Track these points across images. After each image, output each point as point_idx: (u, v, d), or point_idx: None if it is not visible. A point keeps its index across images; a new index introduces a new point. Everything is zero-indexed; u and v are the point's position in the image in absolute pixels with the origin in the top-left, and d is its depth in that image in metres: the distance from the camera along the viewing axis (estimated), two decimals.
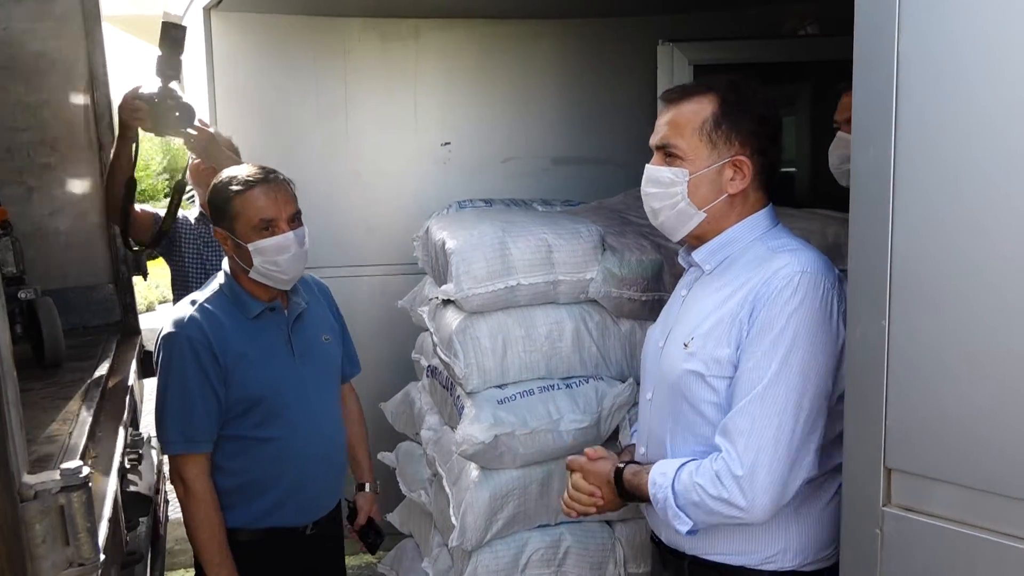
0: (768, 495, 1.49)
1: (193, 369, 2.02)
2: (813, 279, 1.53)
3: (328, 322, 2.31)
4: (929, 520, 1.22)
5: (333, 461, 2.26)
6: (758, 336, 1.52)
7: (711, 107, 1.62)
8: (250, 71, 3.77)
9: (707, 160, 1.62)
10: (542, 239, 2.35)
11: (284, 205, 2.06)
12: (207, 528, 2.06)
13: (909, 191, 1.19)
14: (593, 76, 4.04)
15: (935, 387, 1.20)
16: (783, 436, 1.49)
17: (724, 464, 1.50)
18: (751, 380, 1.51)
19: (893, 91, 1.19)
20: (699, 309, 1.65)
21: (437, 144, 4.00)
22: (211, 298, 2.12)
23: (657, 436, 1.71)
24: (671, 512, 1.56)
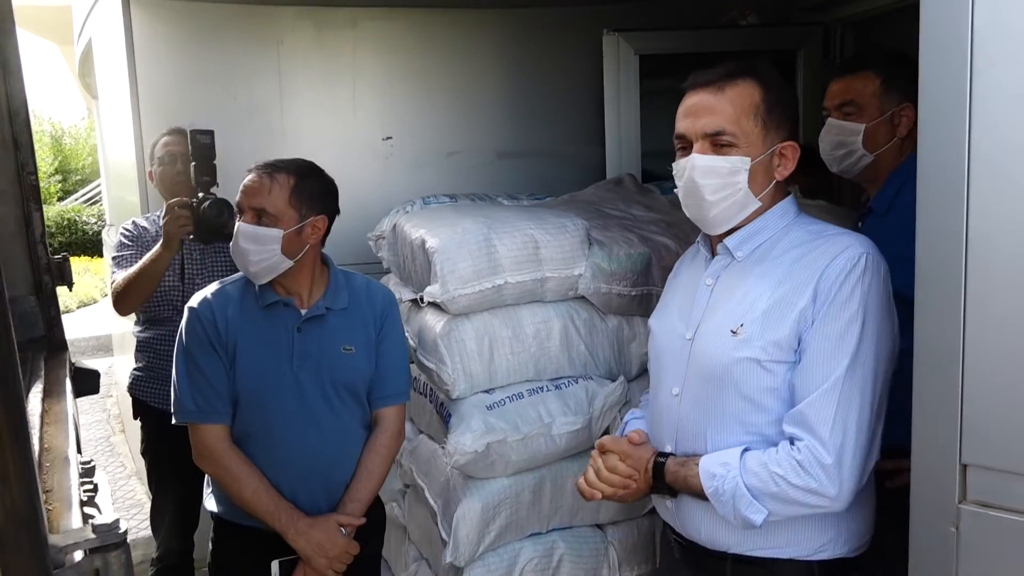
0: (853, 481, 1.47)
1: (201, 343, 2.03)
2: (875, 260, 1.52)
3: (360, 332, 2.11)
4: (1010, 516, 1.18)
5: (323, 474, 2.08)
6: (829, 319, 1.49)
7: (758, 91, 1.57)
8: (175, 64, 3.52)
9: (762, 146, 1.57)
10: (528, 235, 2.25)
11: (251, 196, 2.02)
12: (247, 486, 2.00)
13: (986, 176, 1.14)
14: (537, 67, 3.95)
15: (1013, 378, 1.16)
16: (863, 421, 1.48)
17: (809, 453, 1.46)
18: (828, 365, 1.48)
19: (968, 71, 1.13)
20: (741, 296, 1.59)
21: (378, 138, 3.84)
22: (239, 281, 2.14)
23: (690, 431, 1.64)
24: (743, 502, 1.50)
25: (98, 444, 5.76)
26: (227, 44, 3.57)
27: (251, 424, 2.04)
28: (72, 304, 10.14)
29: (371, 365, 2.12)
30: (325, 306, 2.09)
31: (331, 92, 3.74)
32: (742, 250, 1.64)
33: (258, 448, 2.04)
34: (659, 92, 4.02)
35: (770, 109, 1.57)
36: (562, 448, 2.25)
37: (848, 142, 2.20)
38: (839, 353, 1.48)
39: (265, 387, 2.03)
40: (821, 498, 1.47)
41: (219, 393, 2.03)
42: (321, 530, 2.02)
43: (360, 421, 2.14)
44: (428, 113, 3.88)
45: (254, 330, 2.05)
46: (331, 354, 2.07)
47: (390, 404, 2.16)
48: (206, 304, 2.07)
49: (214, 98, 3.59)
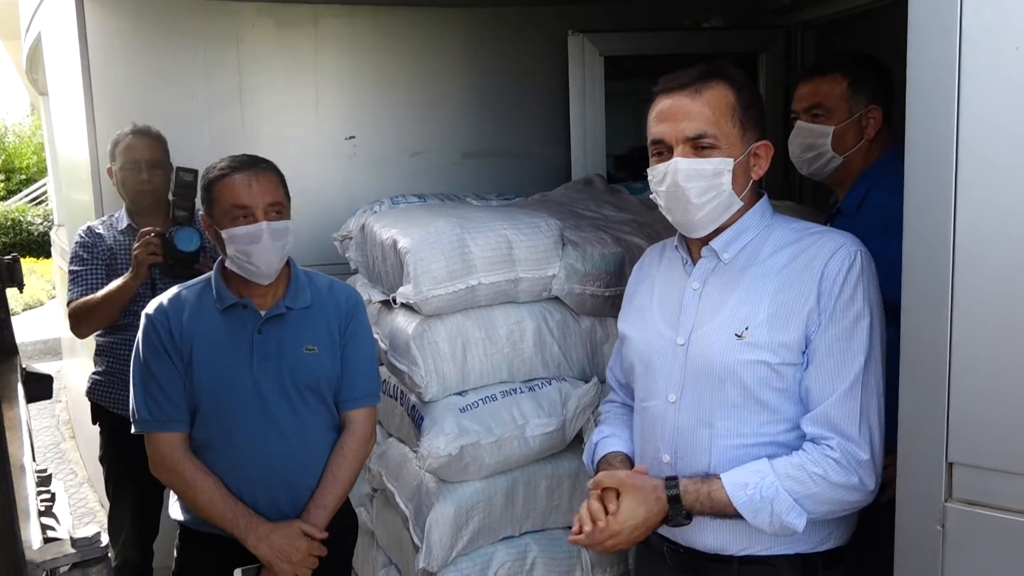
0: (880, 473, 1.50)
1: (157, 350, 1.99)
2: (867, 256, 1.54)
3: (323, 332, 2.06)
4: (996, 514, 1.19)
5: (286, 479, 2.02)
6: (837, 318, 1.50)
7: (731, 92, 1.57)
8: (130, 60, 3.42)
9: (741, 147, 1.58)
10: (502, 235, 2.22)
11: (263, 194, 1.97)
12: (203, 493, 1.96)
13: (974, 173, 1.15)
14: (503, 67, 3.92)
15: (1000, 377, 1.16)
16: (881, 413, 1.51)
17: (844, 452, 1.48)
18: (845, 364, 1.49)
19: (956, 67, 1.14)
20: (740, 300, 1.58)
21: (341, 138, 3.77)
22: (196, 285, 2.09)
23: (691, 437, 1.60)
24: (784, 507, 1.48)
25: (48, 451, 5.58)
26: (185, 40, 3.48)
27: (212, 430, 1.99)
28: (18, 307, 9.83)
29: (335, 366, 2.07)
30: (286, 305, 2.04)
31: (293, 90, 3.66)
32: (728, 252, 1.62)
33: (220, 454, 1.99)
34: (624, 93, 4.03)
35: (745, 109, 1.57)
36: (536, 450, 2.23)
37: (817, 144, 2.21)
38: (854, 351, 1.49)
39: (225, 391, 1.98)
40: (861, 494, 1.50)
41: (174, 401, 1.98)
42: (283, 535, 1.96)
43: (326, 423, 2.08)
44: (392, 112, 3.83)
45: (212, 334, 2.00)
46: (293, 354, 2.02)
47: (359, 406, 2.10)
48: (161, 310, 2.02)
49: (171, 96, 3.49)
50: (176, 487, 2.01)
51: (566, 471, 2.32)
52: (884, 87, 2.22)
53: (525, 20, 3.89)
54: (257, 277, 2.00)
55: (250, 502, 1.98)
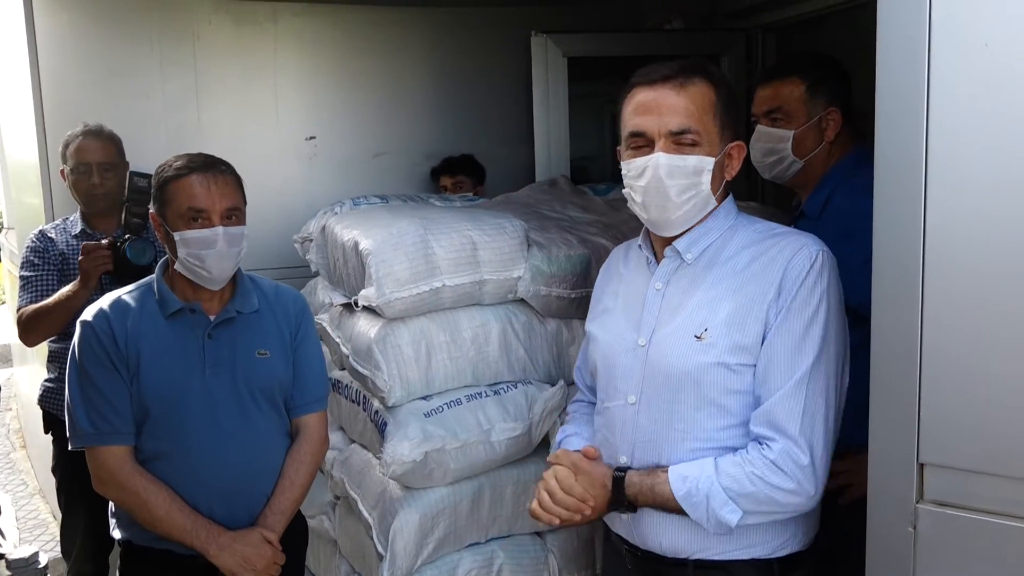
0: (824, 476, 1.48)
1: (97, 359, 1.90)
2: (830, 258, 1.52)
3: (274, 336, 2.02)
4: (967, 515, 1.19)
5: (242, 487, 1.98)
6: (792, 318, 1.48)
7: (712, 90, 1.55)
8: (83, 57, 3.32)
9: (719, 145, 1.56)
10: (466, 236, 2.18)
11: (220, 198, 1.91)
12: (157, 507, 1.87)
13: (944, 172, 1.14)
14: (465, 67, 3.89)
15: (970, 378, 1.16)
16: (829, 417, 1.48)
17: (783, 454, 1.45)
18: (792, 364, 1.47)
19: (925, 68, 1.13)
20: (700, 300, 1.57)
21: (301, 138, 3.71)
22: (136, 290, 2.00)
23: (649, 439, 1.59)
24: (717, 502, 1.48)
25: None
26: (139, 36, 3.40)
27: (163, 440, 1.92)
28: None
29: (288, 370, 2.04)
30: (235, 309, 1.99)
31: (251, 89, 3.59)
32: (691, 252, 1.61)
33: (172, 464, 1.92)
34: (588, 95, 4.03)
35: (725, 108, 1.56)
36: (502, 455, 2.20)
37: (778, 149, 2.21)
38: (803, 350, 1.47)
39: (176, 399, 1.91)
40: (799, 498, 1.47)
41: (119, 412, 1.89)
42: (245, 543, 1.92)
43: (279, 429, 2.05)
44: (353, 113, 3.78)
45: (159, 340, 1.93)
46: (245, 359, 1.97)
47: (312, 411, 2.09)
48: (102, 317, 1.93)
49: (125, 94, 3.40)
50: (127, 503, 1.91)
51: (532, 476, 2.29)
52: (843, 89, 2.23)
53: (488, 20, 3.87)
54: (207, 283, 1.94)
55: (206, 512, 1.92)
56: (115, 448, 1.90)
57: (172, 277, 1.99)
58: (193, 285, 1.96)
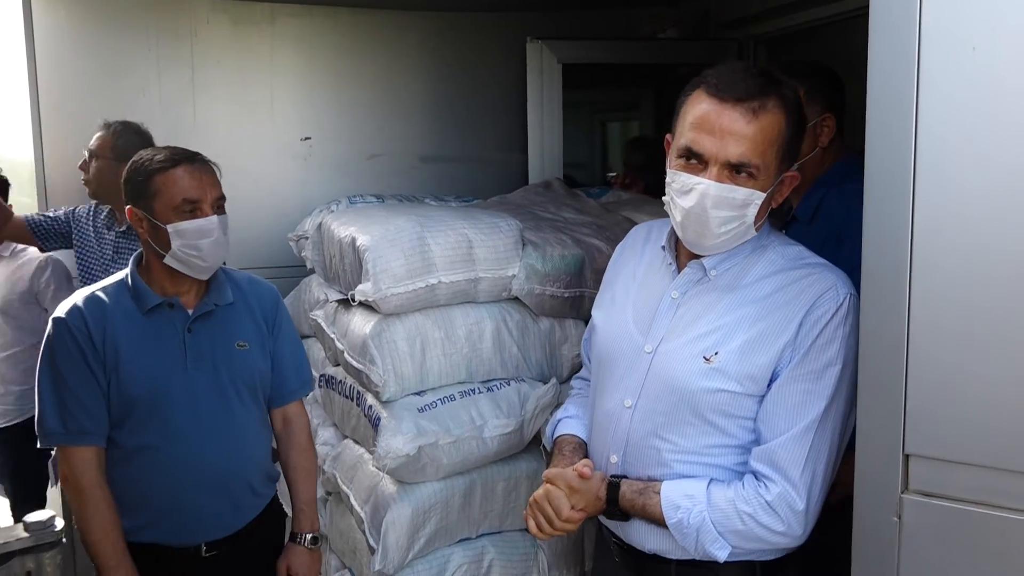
0: (814, 521, 1.47)
1: (70, 358, 1.88)
2: (855, 302, 1.46)
3: (251, 328, 2.05)
4: (952, 504, 1.22)
5: (227, 479, 2.00)
6: (809, 360, 1.45)
7: (783, 119, 1.46)
8: (80, 55, 3.34)
9: (775, 178, 1.49)
10: (462, 234, 2.21)
11: (209, 188, 1.95)
12: (98, 527, 1.87)
13: (932, 171, 1.18)
14: (461, 71, 3.91)
15: (955, 370, 1.19)
16: (831, 463, 1.47)
17: (781, 498, 1.44)
18: (802, 409, 1.45)
19: (915, 72, 1.17)
20: (715, 321, 1.53)
21: (296, 138, 3.73)
22: (110, 287, 1.98)
23: (641, 444, 1.58)
24: (708, 538, 1.48)
25: None
26: (136, 35, 3.41)
27: (147, 434, 1.92)
28: None
29: (267, 361, 2.07)
30: (213, 302, 2.00)
31: (248, 89, 3.61)
32: (717, 269, 1.56)
33: (156, 457, 1.92)
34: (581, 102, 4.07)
35: (791, 140, 1.48)
36: (494, 451, 2.22)
37: None
38: (816, 396, 1.44)
39: (159, 393, 1.91)
40: (787, 539, 1.47)
41: (90, 413, 1.88)
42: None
43: (258, 421, 2.08)
44: (349, 114, 3.79)
45: (138, 336, 1.92)
46: (226, 351, 1.99)
47: (296, 399, 2.17)
48: (76, 314, 1.90)
49: (122, 92, 3.42)
50: (76, 506, 1.89)
51: (524, 472, 2.32)
52: (837, 97, 2.26)
53: (484, 25, 3.90)
54: (200, 272, 1.96)
55: (190, 504, 1.94)
56: (83, 450, 1.89)
57: (148, 272, 1.99)
58: (172, 279, 1.96)
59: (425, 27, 3.84)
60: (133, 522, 1.95)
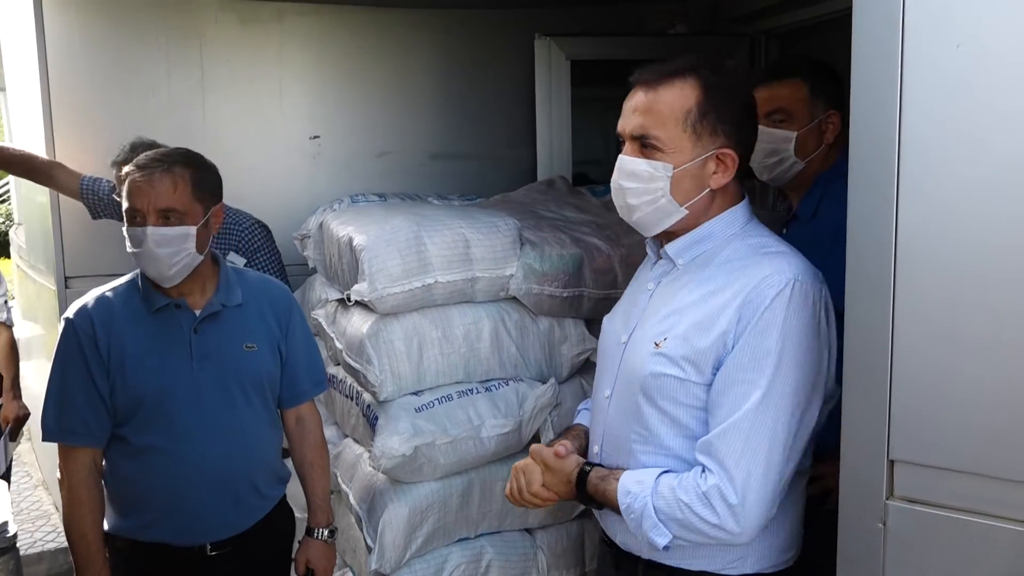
0: (759, 518, 1.42)
1: (74, 359, 1.92)
2: (803, 288, 1.43)
3: (260, 329, 2.04)
4: (937, 511, 1.19)
5: (232, 480, 2.00)
6: (747, 347, 1.42)
7: (695, 94, 1.49)
8: (90, 56, 3.36)
9: (691, 153, 1.49)
10: (459, 233, 2.20)
11: (156, 197, 1.88)
12: (75, 528, 1.93)
13: (916, 170, 1.16)
14: (470, 69, 3.91)
15: (941, 375, 1.17)
16: (774, 457, 1.41)
17: (716, 489, 1.41)
18: (739, 395, 1.42)
19: (898, 65, 1.15)
20: (671, 307, 1.55)
21: (305, 137, 3.74)
22: (120, 287, 2.00)
23: (616, 437, 1.61)
24: (648, 524, 1.47)
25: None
26: (146, 35, 3.43)
27: (152, 434, 1.93)
28: None
29: (276, 363, 2.07)
30: (220, 303, 2.00)
31: (256, 88, 3.62)
32: (683, 257, 1.58)
33: (161, 458, 1.94)
34: (591, 98, 4.04)
35: (704, 114, 1.48)
36: (491, 451, 2.21)
37: (780, 150, 2.19)
38: (751, 385, 1.41)
39: (165, 393, 1.93)
40: (723, 532, 1.43)
41: (83, 417, 1.91)
42: None
43: (268, 421, 2.08)
44: (358, 112, 3.80)
45: (145, 337, 1.94)
46: (233, 352, 1.99)
47: (307, 399, 2.17)
48: (84, 315, 1.93)
49: (132, 92, 3.44)
50: (64, 503, 1.94)
51: None
52: (840, 93, 2.23)
53: (492, 22, 3.89)
54: (161, 279, 1.93)
55: (194, 504, 1.95)
56: (75, 450, 1.93)
57: None
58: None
59: (433, 24, 3.84)
60: (139, 520, 1.98)
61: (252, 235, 3.00)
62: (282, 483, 2.15)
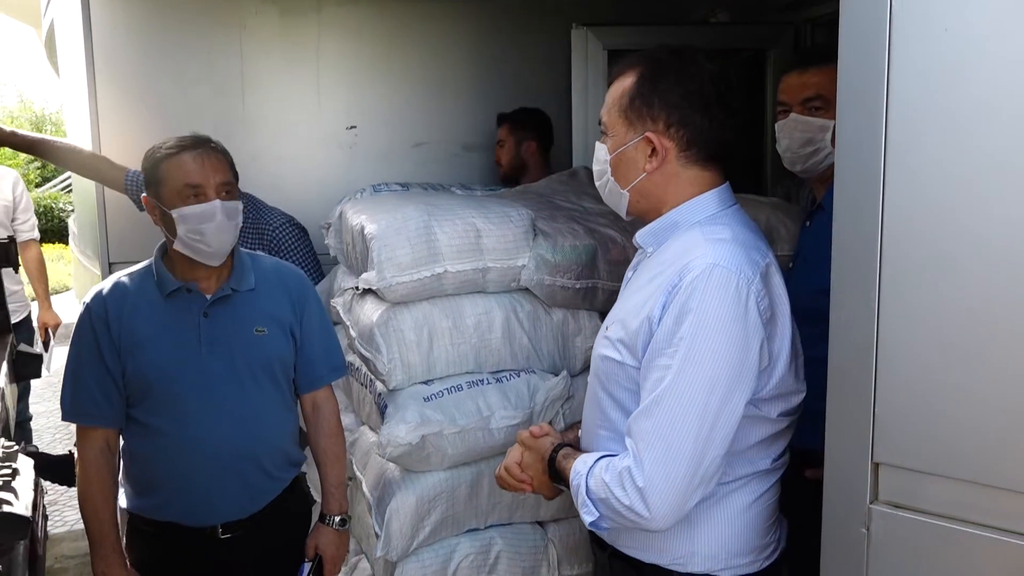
0: (667, 506, 1.39)
1: (88, 342, 1.97)
2: (724, 274, 1.40)
3: (273, 314, 2.07)
4: (921, 517, 1.14)
5: (239, 463, 2.03)
6: (663, 331, 1.42)
7: (631, 81, 1.54)
8: (134, 47, 3.46)
9: (624, 137, 1.56)
10: (470, 223, 2.19)
11: (213, 172, 1.96)
12: (89, 505, 1.99)
13: (902, 166, 1.10)
14: (506, 59, 3.90)
15: (927, 375, 1.12)
16: (685, 446, 1.38)
17: (627, 471, 1.42)
18: (655, 380, 1.42)
19: (885, 57, 1.09)
20: (630, 293, 1.60)
21: (342, 127, 3.78)
22: (135, 273, 2.05)
23: (586, 421, 1.68)
24: (580, 501, 1.51)
25: (58, 430, 5.67)
26: (188, 26, 3.51)
27: (161, 417, 1.98)
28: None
29: (289, 347, 2.08)
30: (231, 287, 2.03)
31: (295, 78, 3.68)
32: (651, 245, 1.61)
33: (170, 441, 1.98)
34: None
35: (632, 100, 1.53)
36: (501, 442, 2.20)
37: (816, 139, 2.09)
38: (664, 369, 1.40)
39: (173, 377, 1.97)
40: (635, 515, 1.41)
41: (97, 399, 1.97)
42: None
43: (281, 405, 2.10)
44: (394, 103, 3.83)
45: (157, 320, 1.98)
46: (243, 337, 2.02)
47: (323, 385, 2.19)
48: (99, 299, 1.99)
49: (174, 82, 3.53)
50: (78, 481, 2.01)
51: None
52: None
53: (529, 12, 3.87)
54: (207, 258, 1.98)
55: (202, 487, 1.98)
56: (89, 430, 1.99)
57: (170, 258, 2.04)
58: (191, 265, 2.00)
59: (470, 14, 3.84)
60: (153, 500, 2.03)
61: (283, 233, 2.97)
62: (294, 466, 2.18)
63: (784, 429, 1.54)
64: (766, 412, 1.48)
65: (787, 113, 2.14)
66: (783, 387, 1.47)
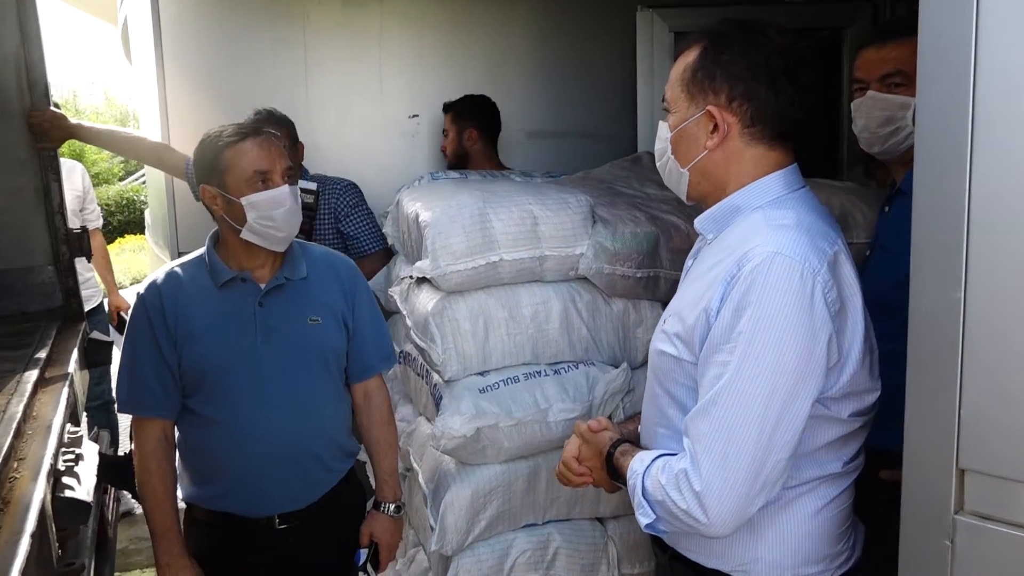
0: (727, 512, 1.31)
1: (144, 333, 1.97)
2: (787, 263, 1.30)
3: (326, 303, 2.06)
4: (1011, 530, 1.03)
5: (295, 454, 2.02)
6: (721, 325, 1.33)
7: (695, 54, 1.45)
8: (201, 38, 3.51)
9: (685, 113, 1.46)
10: (527, 210, 2.13)
11: (278, 158, 1.97)
12: (150, 497, 2.00)
13: (990, 144, 0.99)
14: (569, 44, 3.83)
15: (1019, 372, 1.01)
16: (744, 448, 1.30)
17: (684, 473, 1.34)
18: (713, 376, 1.33)
19: (972, 23, 0.98)
20: (688, 283, 1.52)
21: (404, 116, 3.77)
22: (188, 263, 2.05)
23: (646, 418, 1.60)
24: (636, 502, 1.43)
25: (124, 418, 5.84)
26: (253, 18, 3.55)
27: (216, 406, 1.97)
28: (125, 280, 10.43)
29: (342, 336, 2.06)
30: (285, 276, 2.02)
31: (357, 68, 3.69)
32: (711, 231, 1.51)
33: (223, 431, 1.97)
34: None
35: (695, 72, 1.43)
36: (559, 436, 2.14)
37: (896, 117, 1.94)
38: (723, 366, 1.32)
39: (229, 367, 1.96)
40: (694, 520, 1.34)
41: (152, 389, 1.97)
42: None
43: (331, 394, 2.07)
44: (456, 91, 3.78)
45: (211, 310, 1.97)
46: (298, 326, 2.00)
47: (374, 374, 2.16)
48: (154, 291, 1.99)
49: (240, 72, 3.57)
50: (136, 472, 2.02)
51: None
52: None
53: None
54: (277, 243, 1.98)
55: (257, 478, 1.98)
56: (146, 421, 2.00)
57: (224, 248, 2.04)
58: (248, 254, 2.00)
59: (533, 1, 3.76)
60: (210, 491, 2.04)
61: (347, 196, 3.20)
62: (349, 456, 2.15)
63: (857, 430, 1.43)
64: (836, 412, 1.37)
65: (864, 91, 2.01)
66: (855, 385, 1.36)
